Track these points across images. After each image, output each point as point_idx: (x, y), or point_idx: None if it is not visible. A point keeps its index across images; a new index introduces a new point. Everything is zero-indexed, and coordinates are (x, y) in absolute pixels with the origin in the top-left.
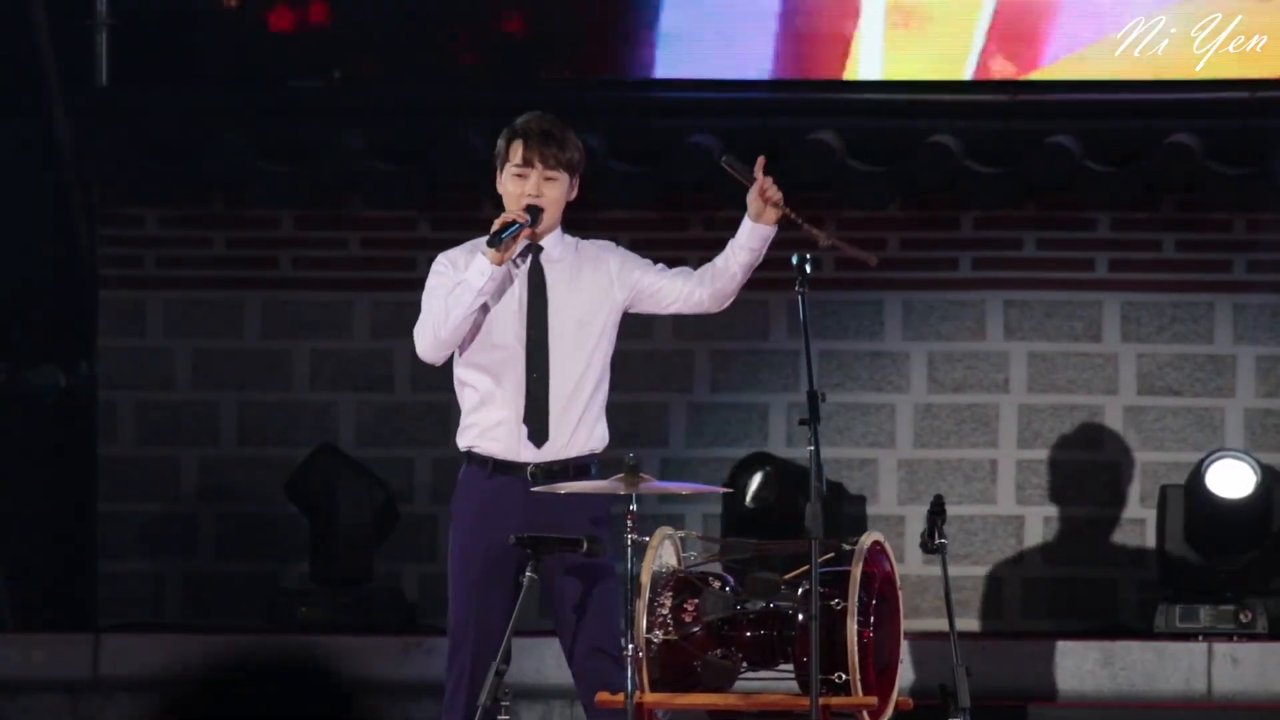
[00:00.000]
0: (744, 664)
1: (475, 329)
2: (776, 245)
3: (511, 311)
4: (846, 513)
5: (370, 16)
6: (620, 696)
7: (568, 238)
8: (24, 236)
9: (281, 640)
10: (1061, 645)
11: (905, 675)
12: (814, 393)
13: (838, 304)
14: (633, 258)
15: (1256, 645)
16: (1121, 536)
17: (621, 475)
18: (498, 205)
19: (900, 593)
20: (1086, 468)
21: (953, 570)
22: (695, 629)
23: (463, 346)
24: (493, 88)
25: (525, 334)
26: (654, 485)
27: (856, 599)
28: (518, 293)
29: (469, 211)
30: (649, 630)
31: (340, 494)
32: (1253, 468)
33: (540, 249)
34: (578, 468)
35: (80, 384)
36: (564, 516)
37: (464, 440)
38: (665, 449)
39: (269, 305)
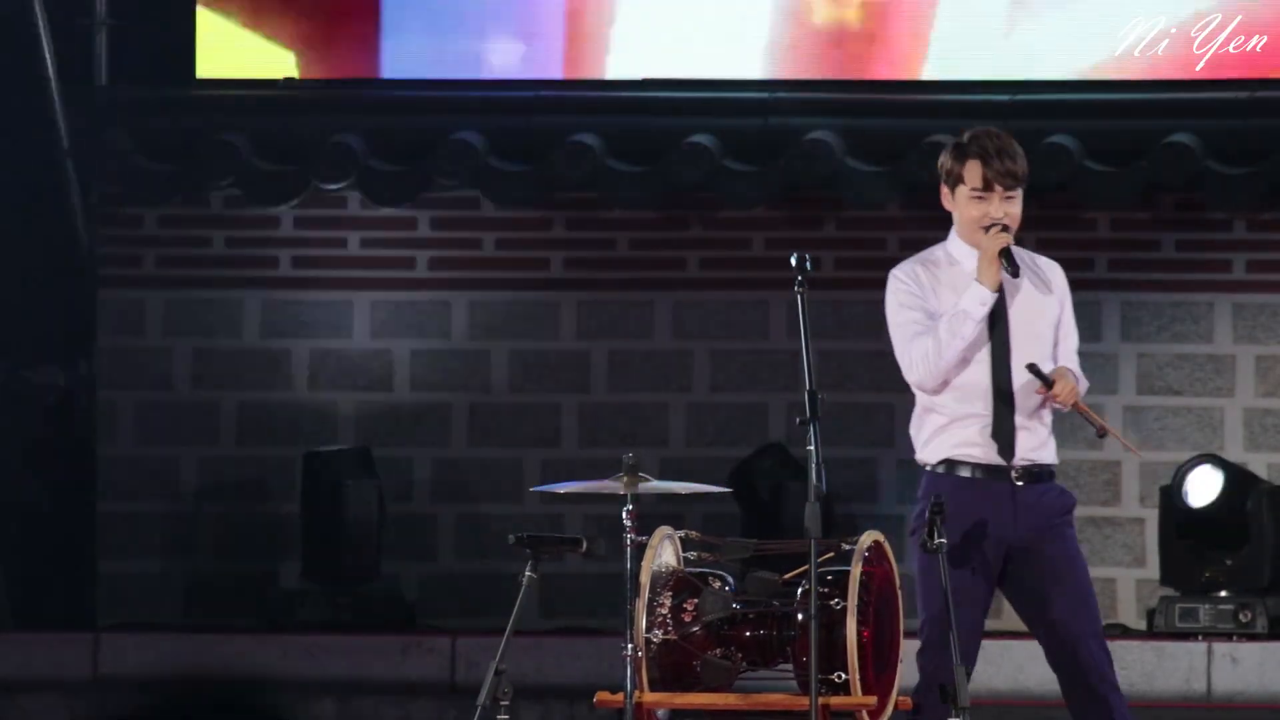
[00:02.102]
0: (743, 664)
1: None
2: (776, 245)
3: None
4: (846, 513)
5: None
6: (620, 696)
7: (1018, 251)
8: (24, 237)
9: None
10: None
11: (905, 675)
12: (814, 393)
13: (837, 303)
14: (1068, 293)
15: (1256, 645)
16: (1121, 536)
17: (621, 475)
18: (498, 205)
19: (900, 593)
20: (1086, 468)
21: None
22: (695, 629)
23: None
24: (493, 87)
25: (990, 349)
26: (654, 485)
27: (856, 599)
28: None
29: (469, 211)
30: (648, 630)
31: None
32: (1222, 475)
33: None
34: (1049, 473)
35: (80, 384)
36: (1041, 515)
37: (936, 454)
38: (665, 449)
39: (268, 304)
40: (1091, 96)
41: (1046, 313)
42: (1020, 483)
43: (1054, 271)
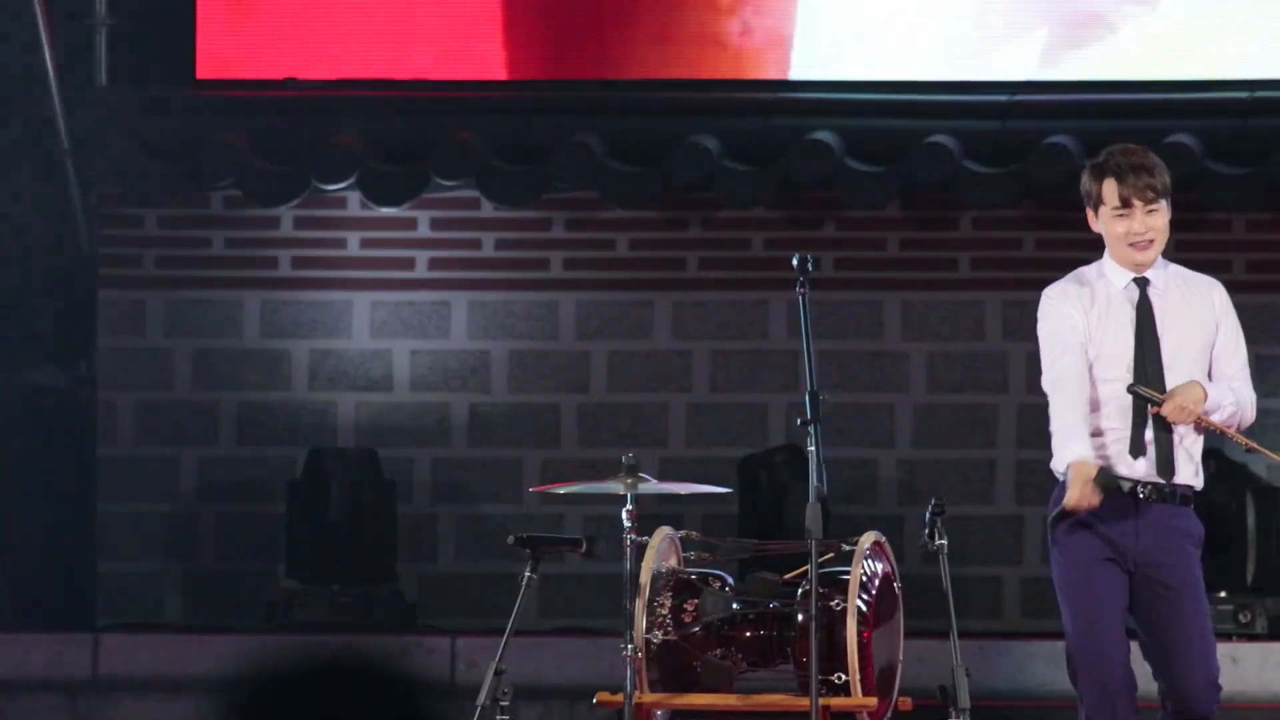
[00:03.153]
0: (743, 664)
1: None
2: (776, 245)
3: (1123, 345)
4: (846, 513)
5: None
6: (619, 697)
7: (1171, 267)
8: (24, 236)
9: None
10: (1061, 645)
11: (904, 675)
12: (814, 393)
13: (838, 304)
14: (1229, 311)
15: (1256, 645)
16: None
17: (620, 475)
18: (498, 205)
19: (900, 593)
20: None
21: (952, 570)
22: (695, 629)
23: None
24: (493, 87)
25: (1133, 368)
26: (653, 485)
27: (856, 599)
28: (1128, 327)
29: (469, 211)
30: (648, 630)
31: None
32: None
33: (1147, 281)
34: (1183, 497)
35: (80, 384)
36: (1167, 540)
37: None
38: (665, 449)
39: (268, 305)
40: (1091, 96)
41: (1197, 334)
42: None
43: (1213, 290)
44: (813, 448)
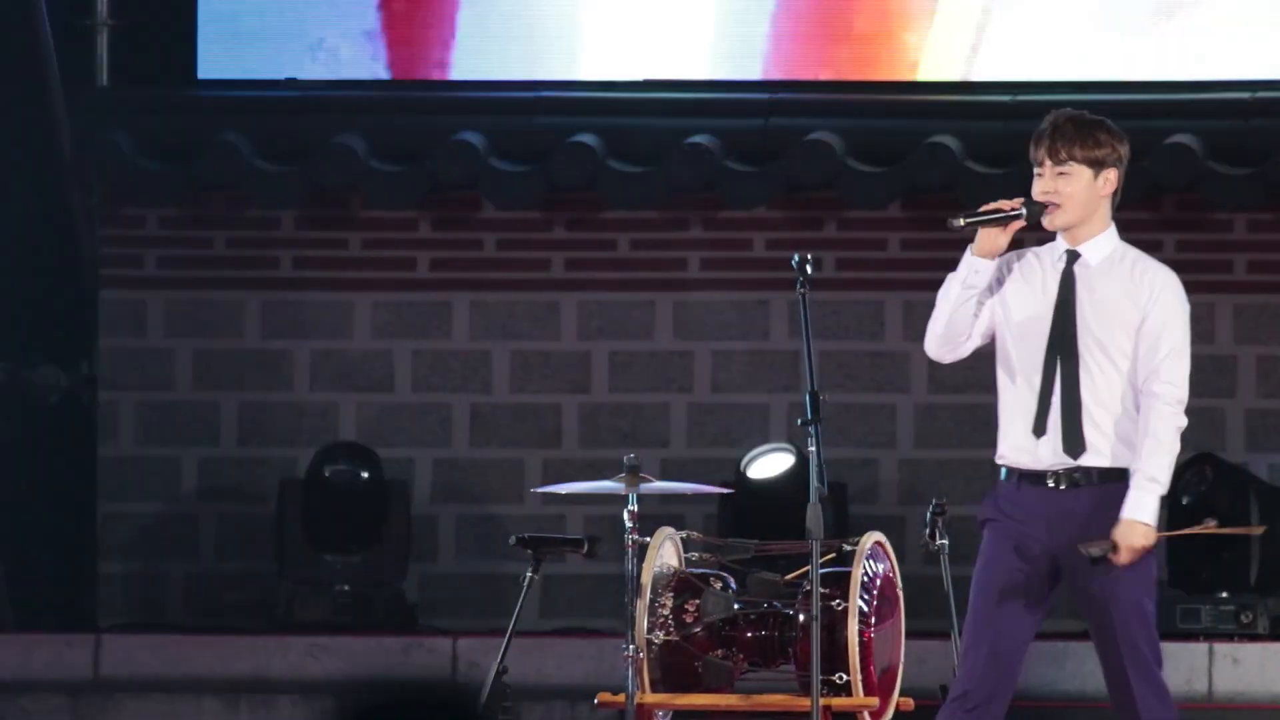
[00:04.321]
0: (745, 664)
1: (1005, 334)
2: (777, 245)
3: (1041, 319)
4: (846, 513)
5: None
6: (621, 697)
7: (1121, 245)
8: (24, 236)
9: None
10: (1061, 645)
11: (906, 675)
12: (815, 393)
13: (838, 304)
14: (1164, 303)
15: (1257, 645)
16: None
17: (622, 475)
18: (498, 205)
19: (901, 593)
20: None
21: (954, 570)
22: (696, 629)
23: (998, 353)
24: (493, 88)
25: (1047, 342)
26: (654, 485)
27: (857, 599)
28: (1046, 299)
29: (469, 211)
30: (650, 631)
31: None
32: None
33: (1077, 255)
34: (1102, 475)
35: (80, 384)
36: (1088, 524)
37: (1000, 449)
38: (665, 449)
39: (269, 305)
40: (1091, 97)
41: (1117, 318)
42: (1061, 487)
43: (1156, 278)
44: (813, 448)
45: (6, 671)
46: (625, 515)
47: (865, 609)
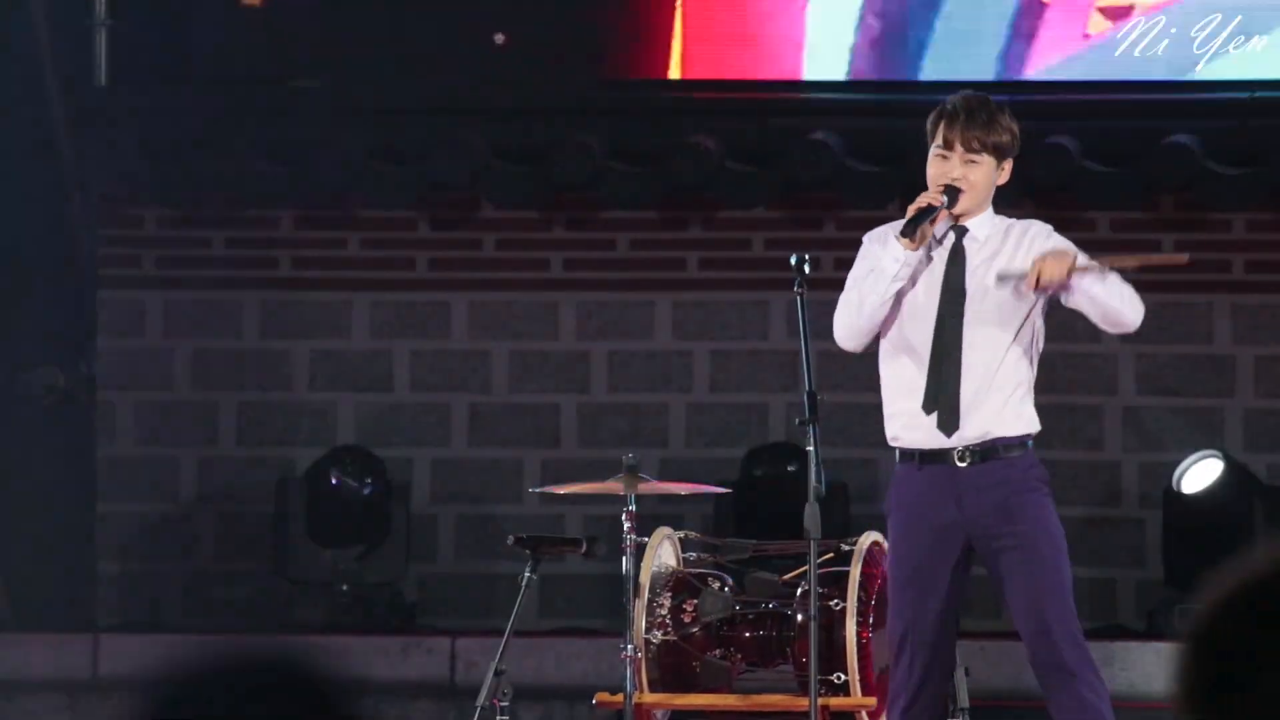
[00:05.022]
0: (743, 664)
1: (895, 313)
2: (776, 245)
3: (931, 295)
4: (846, 513)
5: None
6: (619, 697)
7: (999, 219)
8: (24, 237)
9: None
10: None
11: None
12: (812, 393)
13: (837, 304)
14: (1061, 244)
15: None
16: (1121, 536)
17: (621, 475)
18: (498, 205)
19: None
20: (1086, 468)
21: None
22: (694, 629)
23: (883, 331)
24: (493, 88)
25: (938, 317)
26: (654, 485)
27: (855, 599)
28: (938, 275)
29: (469, 211)
30: (648, 630)
31: None
32: (1223, 466)
33: (965, 230)
34: (992, 448)
35: (80, 384)
36: (987, 498)
37: (889, 431)
38: (665, 449)
39: (269, 305)
40: (1091, 97)
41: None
42: (964, 464)
43: (1037, 233)
44: (811, 447)
45: (5, 671)
46: (624, 515)
47: (863, 609)
